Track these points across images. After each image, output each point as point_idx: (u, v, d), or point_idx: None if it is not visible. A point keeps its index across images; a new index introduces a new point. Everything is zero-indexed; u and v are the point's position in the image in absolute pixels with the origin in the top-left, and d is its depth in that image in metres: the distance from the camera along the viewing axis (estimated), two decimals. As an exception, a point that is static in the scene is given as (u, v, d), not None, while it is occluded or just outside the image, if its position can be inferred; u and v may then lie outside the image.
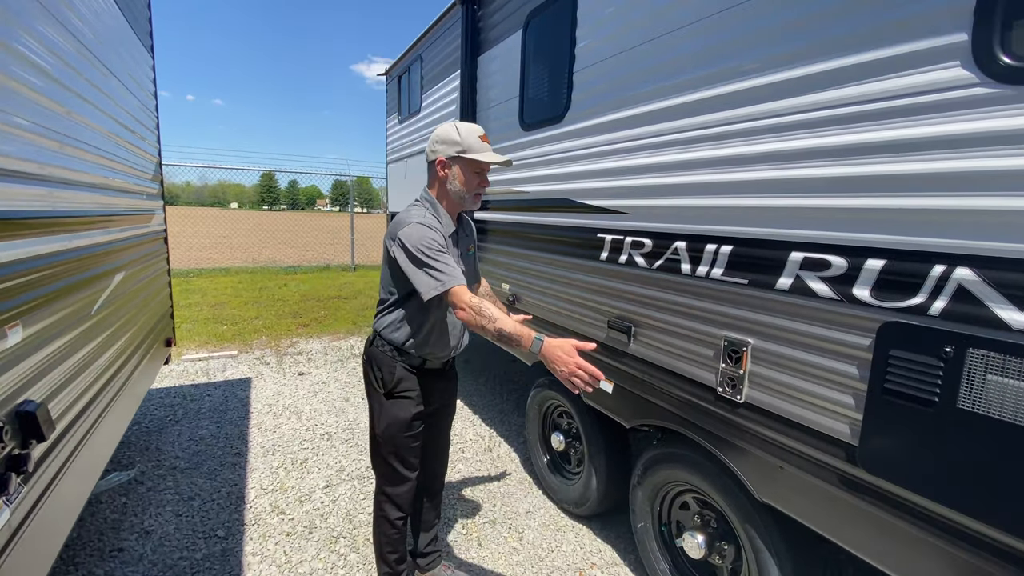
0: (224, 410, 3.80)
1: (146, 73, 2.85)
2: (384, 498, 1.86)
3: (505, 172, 2.95)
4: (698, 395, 1.71)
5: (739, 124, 1.51)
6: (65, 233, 1.54)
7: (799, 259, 1.36)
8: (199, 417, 3.65)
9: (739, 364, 1.55)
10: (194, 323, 6.26)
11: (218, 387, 4.28)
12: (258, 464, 3.02)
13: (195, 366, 4.81)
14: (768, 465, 1.50)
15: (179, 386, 4.27)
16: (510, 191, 2.91)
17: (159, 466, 2.96)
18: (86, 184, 1.73)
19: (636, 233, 1.94)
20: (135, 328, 2.38)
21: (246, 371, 4.72)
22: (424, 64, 4.34)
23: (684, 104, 1.70)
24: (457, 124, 1.68)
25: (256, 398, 4.05)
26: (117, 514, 2.51)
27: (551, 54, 2.52)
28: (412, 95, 4.73)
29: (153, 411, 3.74)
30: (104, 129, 1.96)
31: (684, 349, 1.76)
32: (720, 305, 1.61)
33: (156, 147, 3.13)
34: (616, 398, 2.11)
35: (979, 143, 1.03)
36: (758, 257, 1.48)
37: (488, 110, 3.17)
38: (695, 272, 1.68)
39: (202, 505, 2.60)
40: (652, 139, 1.84)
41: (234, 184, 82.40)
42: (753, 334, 1.51)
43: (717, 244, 1.60)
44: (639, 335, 1.96)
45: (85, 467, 1.66)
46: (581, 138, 2.25)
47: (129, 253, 2.33)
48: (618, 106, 2.00)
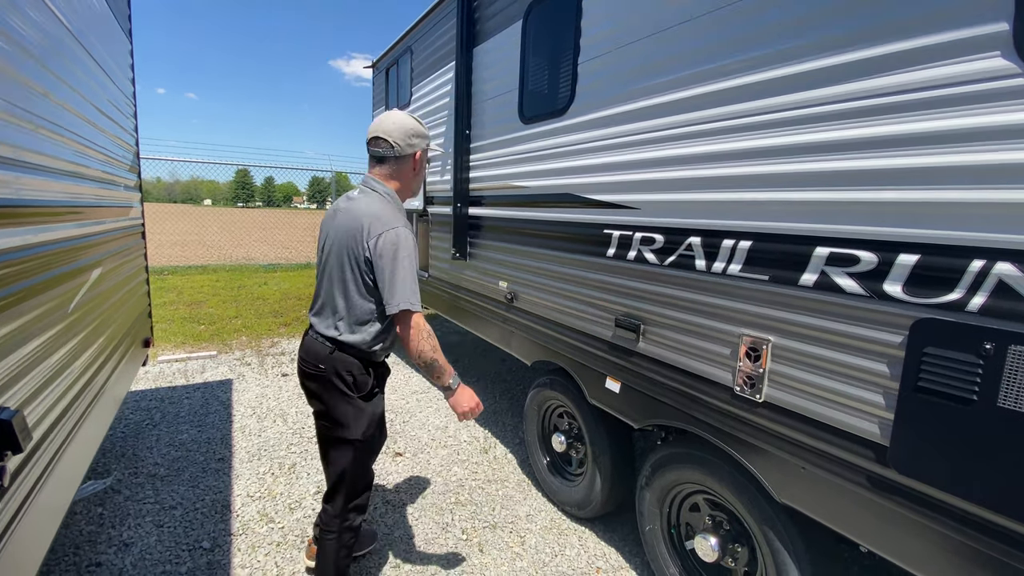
0: (205, 413, 3.64)
1: (123, 55, 2.69)
2: (353, 509, 1.78)
3: (502, 167, 2.88)
4: (713, 394, 1.68)
5: (761, 116, 1.47)
6: (34, 225, 1.41)
7: (825, 254, 1.33)
8: (178, 421, 3.48)
9: (758, 362, 1.51)
10: (170, 323, 6.01)
11: (197, 389, 4.10)
12: (243, 470, 2.89)
13: (172, 367, 4.61)
14: (789, 466, 1.47)
15: (156, 388, 4.08)
16: (508, 186, 2.84)
17: (137, 473, 2.80)
18: (57, 171, 1.59)
19: (646, 229, 1.89)
20: (113, 327, 2.23)
21: (226, 372, 4.54)
22: (415, 56, 4.23)
23: (701, 96, 1.65)
24: (413, 115, 1.71)
25: (238, 400, 3.89)
26: (93, 526, 2.36)
27: (554, 45, 2.46)
28: (401, 88, 4.62)
29: (129, 415, 3.55)
30: (78, 112, 1.82)
31: (697, 347, 1.72)
32: (737, 302, 1.57)
33: (134, 136, 2.96)
34: (623, 398, 2.06)
35: (1019, 135, 1.00)
36: (780, 252, 1.44)
37: (484, 103, 3.09)
38: (710, 268, 1.64)
39: (185, 515, 2.46)
40: (665, 132, 1.79)
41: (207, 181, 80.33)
42: (774, 331, 1.48)
43: (735, 239, 1.56)
44: (648, 333, 1.92)
45: (64, 477, 1.53)
46: (586, 131, 2.19)
47: (106, 248, 2.18)
48: (628, 98, 1.95)
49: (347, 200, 1.71)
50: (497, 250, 3.00)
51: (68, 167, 1.64)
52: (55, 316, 1.52)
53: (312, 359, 1.69)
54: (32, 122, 1.35)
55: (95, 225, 1.99)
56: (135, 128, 2.99)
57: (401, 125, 1.66)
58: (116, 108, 2.36)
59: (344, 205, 1.70)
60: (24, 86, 1.29)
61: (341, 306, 1.65)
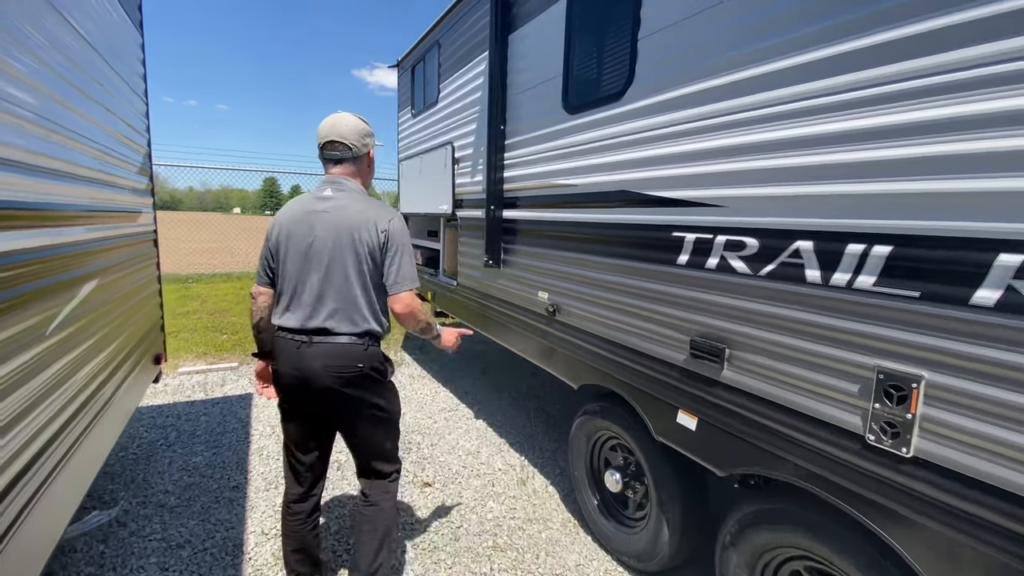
0: (222, 432, 3.41)
1: (132, 47, 2.48)
2: (396, 473, 1.86)
3: (542, 164, 2.56)
4: (833, 442, 1.31)
5: (907, 83, 1.11)
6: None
7: (1015, 264, 0.97)
8: (193, 441, 3.26)
9: (903, 405, 1.15)
10: (192, 332, 5.88)
11: (216, 404, 3.89)
12: (259, 501, 2.62)
13: (192, 380, 4.43)
14: (949, 542, 1.10)
15: (173, 403, 3.88)
16: (549, 185, 2.52)
17: (145, 503, 2.56)
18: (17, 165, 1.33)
19: (733, 231, 1.54)
20: (116, 344, 1.99)
21: (246, 386, 4.33)
22: (442, 50, 3.96)
23: (811, 64, 1.30)
24: (359, 116, 1.77)
25: (257, 418, 3.66)
26: (93, 567, 2.11)
27: (606, 21, 2.14)
28: (428, 86, 4.36)
29: (143, 433, 3.34)
30: (70, 104, 1.58)
31: (808, 381, 1.36)
32: (871, 325, 1.21)
33: (145, 137, 2.75)
34: (701, 437, 1.71)
35: None
36: (940, 261, 1.08)
37: (521, 95, 2.79)
38: (828, 281, 1.29)
39: (192, 555, 2.20)
40: (758, 111, 1.44)
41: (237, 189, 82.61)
42: (929, 366, 1.11)
43: (866, 244, 1.20)
44: (736, 360, 1.56)
45: (51, 511, 1.28)
46: (649, 117, 1.86)
47: (105, 258, 1.94)
48: (710, 73, 1.60)
49: (323, 200, 1.69)
50: (536, 256, 2.68)
51: (33, 160, 1.39)
52: (31, 338, 1.26)
53: (345, 361, 1.63)
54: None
55: (87, 232, 1.75)
56: (147, 128, 2.78)
57: (355, 127, 1.73)
58: (111, 94, 2.13)
59: (326, 205, 1.68)
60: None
61: (359, 299, 1.65)
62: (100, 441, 1.84)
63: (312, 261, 1.63)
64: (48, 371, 1.37)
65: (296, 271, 1.65)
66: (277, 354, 1.69)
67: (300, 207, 1.69)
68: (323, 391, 1.63)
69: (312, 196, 1.71)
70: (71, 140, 1.60)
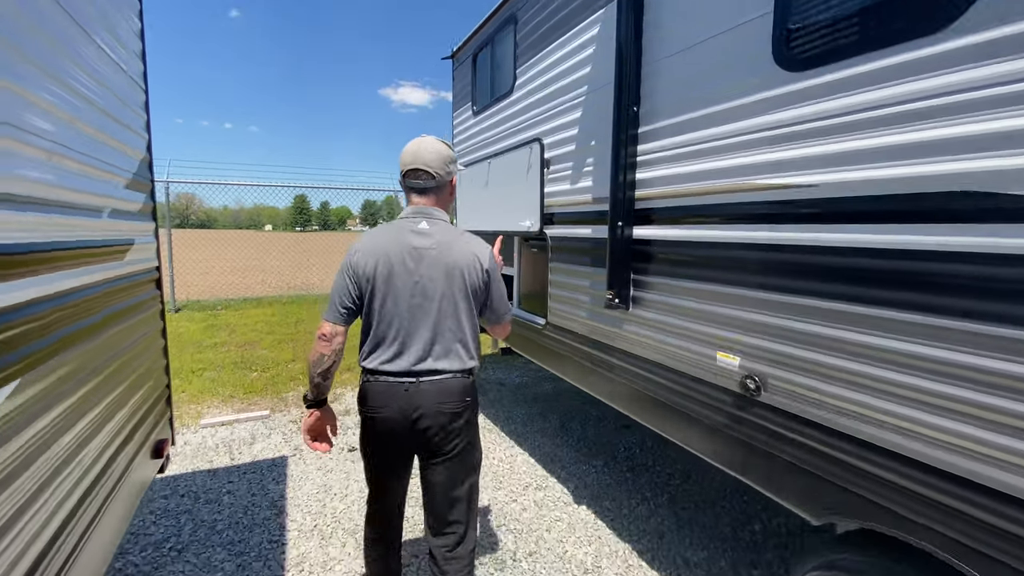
0: (250, 525, 2.59)
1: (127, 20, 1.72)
2: (475, 548, 1.72)
3: (723, 156, 1.68)
4: None
5: None
6: None
7: None
8: (212, 540, 2.45)
9: None
10: (219, 369, 5.18)
11: (243, 475, 3.10)
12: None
13: (216, 435, 3.67)
14: None
15: (192, 473, 3.11)
16: (736, 187, 1.64)
17: (139, 666, 1.75)
18: None
19: None
20: (86, 455, 1.19)
21: (279, 444, 3.54)
22: (521, 26, 3.14)
23: None
24: (441, 139, 1.68)
25: (294, 499, 2.84)
26: None
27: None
28: (498, 73, 3.54)
29: (151, 529, 2.56)
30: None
31: None
32: None
33: (144, 138, 1.99)
34: None
35: None
36: None
37: (669, 59, 1.92)
38: None
39: None
40: None
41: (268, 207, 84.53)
42: None
43: None
44: None
45: None
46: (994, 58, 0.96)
47: (55, 328, 1.14)
48: None
49: (422, 236, 1.58)
50: (710, 298, 1.78)
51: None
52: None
53: (457, 397, 1.58)
54: None
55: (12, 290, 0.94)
56: (147, 126, 2.02)
57: (438, 154, 1.64)
58: (75, 62, 1.34)
59: (428, 242, 1.57)
60: None
61: (467, 334, 1.61)
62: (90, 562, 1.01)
63: (422, 302, 1.56)
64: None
65: (402, 311, 1.55)
66: (374, 399, 1.57)
67: (396, 241, 1.57)
68: (425, 430, 1.56)
69: (407, 228, 1.60)
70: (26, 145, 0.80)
